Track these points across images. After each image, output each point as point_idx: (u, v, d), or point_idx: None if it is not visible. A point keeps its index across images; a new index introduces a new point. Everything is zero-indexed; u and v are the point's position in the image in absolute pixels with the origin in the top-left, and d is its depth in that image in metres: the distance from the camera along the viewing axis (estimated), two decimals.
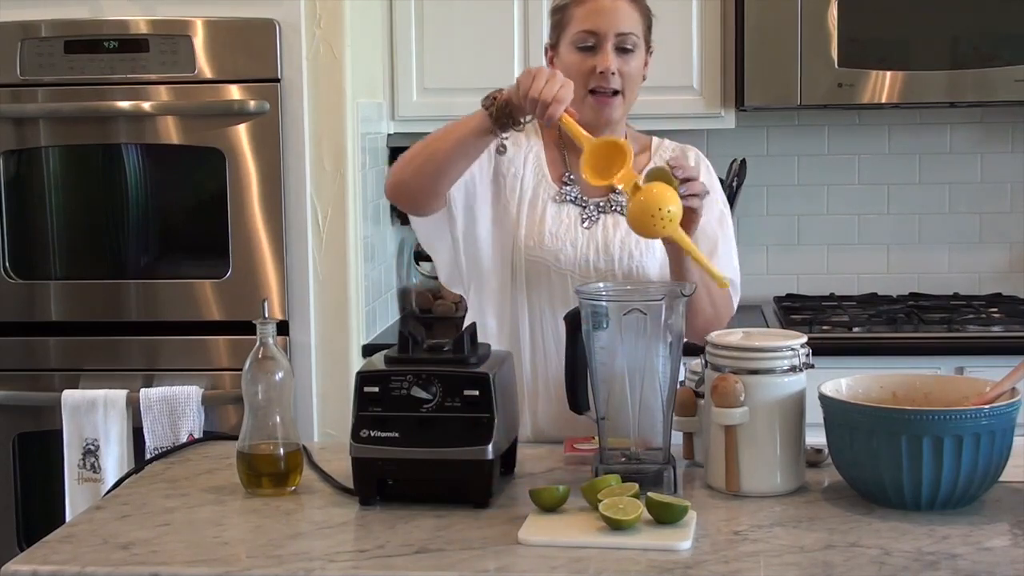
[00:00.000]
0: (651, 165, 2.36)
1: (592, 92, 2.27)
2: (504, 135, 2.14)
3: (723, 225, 2.35)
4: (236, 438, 1.99)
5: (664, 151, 2.40)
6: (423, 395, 1.85)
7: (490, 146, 2.20)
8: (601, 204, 2.33)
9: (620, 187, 1.98)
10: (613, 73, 2.25)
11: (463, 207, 2.32)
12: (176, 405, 3.09)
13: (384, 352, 1.94)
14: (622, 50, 2.26)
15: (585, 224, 2.31)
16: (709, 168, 2.41)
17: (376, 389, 1.87)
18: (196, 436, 3.04)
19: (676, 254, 2.15)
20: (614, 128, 2.33)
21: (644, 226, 1.98)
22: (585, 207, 2.33)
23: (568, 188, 2.34)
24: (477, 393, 1.85)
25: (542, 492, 1.81)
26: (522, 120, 2.12)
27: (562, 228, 2.31)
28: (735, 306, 2.33)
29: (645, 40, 2.30)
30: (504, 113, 2.10)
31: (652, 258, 2.28)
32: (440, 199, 2.28)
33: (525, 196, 2.32)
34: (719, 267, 2.21)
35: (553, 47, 2.34)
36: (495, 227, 2.33)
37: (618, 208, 2.32)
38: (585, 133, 2.06)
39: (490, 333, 2.31)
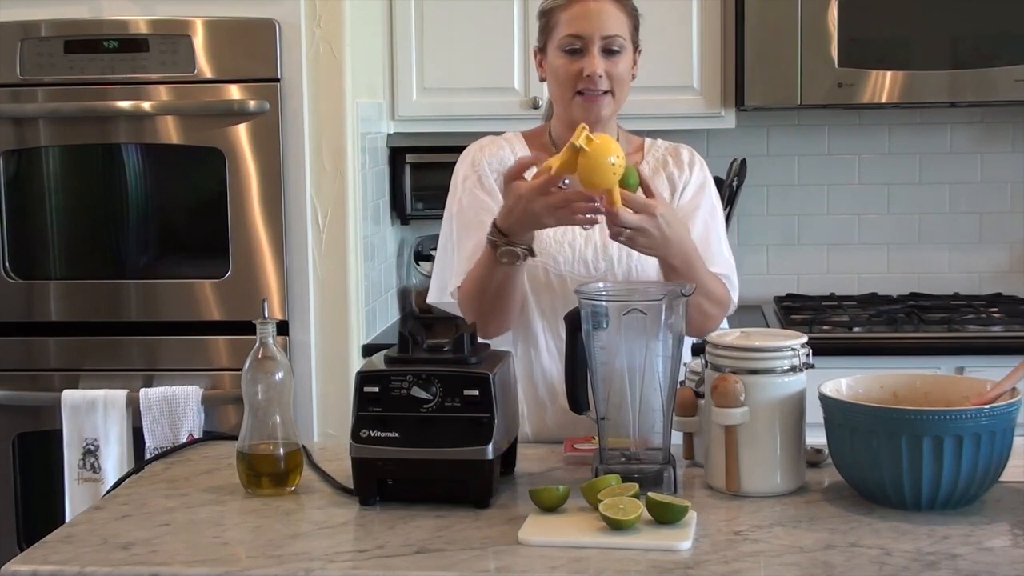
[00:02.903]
0: (643, 164, 2.37)
1: (580, 93, 2.27)
2: (521, 250, 2.11)
3: (714, 219, 2.36)
4: (236, 438, 1.99)
5: (657, 150, 2.41)
6: (423, 395, 1.85)
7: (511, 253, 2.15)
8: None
9: (580, 143, 1.96)
10: (600, 76, 2.25)
11: None
12: (176, 405, 3.09)
13: (384, 352, 1.94)
14: (609, 52, 2.26)
15: (585, 226, 2.31)
16: (703, 164, 2.40)
17: (376, 389, 1.87)
18: (196, 436, 3.04)
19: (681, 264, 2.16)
20: (604, 126, 2.33)
21: (598, 177, 1.97)
22: None
23: None
24: (477, 393, 1.85)
25: (542, 492, 1.81)
26: (521, 244, 2.10)
27: (559, 232, 2.31)
28: (734, 300, 2.33)
29: (632, 40, 2.30)
30: (505, 242, 2.09)
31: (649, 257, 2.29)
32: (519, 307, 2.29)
33: None
34: (709, 260, 2.24)
35: (541, 50, 2.34)
36: None
37: None
38: (551, 162, 2.04)
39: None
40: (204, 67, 3.12)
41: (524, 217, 2.06)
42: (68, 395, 3.12)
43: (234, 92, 3.12)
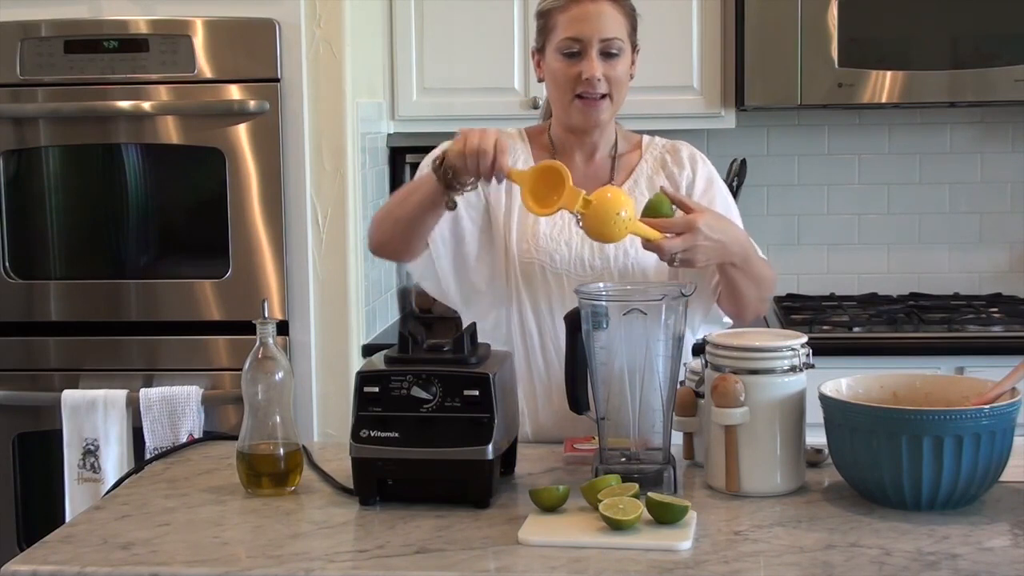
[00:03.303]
0: (642, 162, 2.38)
1: (579, 96, 2.27)
2: (453, 196, 2.15)
3: (730, 210, 2.37)
4: (236, 438, 1.99)
5: (655, 148, 2.41)
6: (423, 395, 1.85)
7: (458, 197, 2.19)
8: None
9: (577, 210, 2.00)
10: (599, 79, 2.25)
11: (451, 245, 2.34)
12: (176, 405, 3.09)
13: (384, 352, 1.94)
14: (607, 55, 2.26)
15: (581, 223, 2.31)
16: (704, 159, 2.41)
17: (376, 389, 1.87)
18: (196, 436, 3.04)
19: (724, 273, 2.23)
20: (603, 129, 2.34)
21: (607, 234, 2.03)
22: None
23: None
24: (477, 393, 1.85)
25: (542, 492, 1.81)
26: (467, 183, 2.13)
27: (555, 229, 2.31)
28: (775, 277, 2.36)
29: (630, 41, 2.30)
30: (449, 177, 2.11)
31: (648, 254, 2.29)
32: (417, 251, 2.33)
33: (515, 204, 2.32)
34: None
35: (539, 51, 2.34)
36: (484, 251, 2.34)
37: None
38: (520, 172, 2.08)
39: (488, 334, 2.31)
40: (204, 67, 3.12)
41: (462, 144, 2.05)
42: (68, 395, 3.12)
43: (234, 92, 3.12)
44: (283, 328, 3.16)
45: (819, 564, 1.61)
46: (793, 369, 1.89)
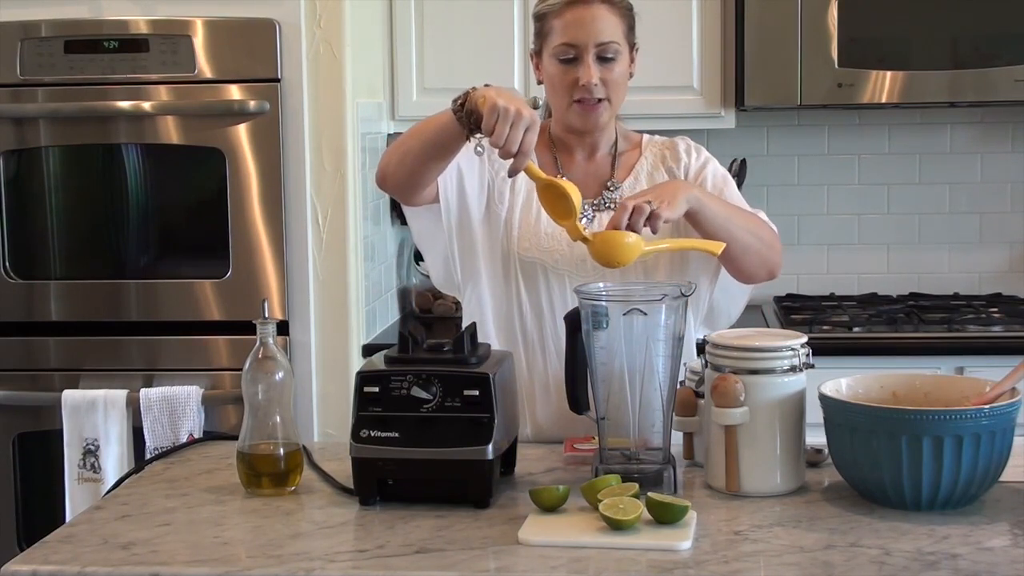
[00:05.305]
0: (642, 159, 2.38)
1: (577, 101, 2.27)
2: (476, 137, 2.08)
3: (727, 183, 2.38)
4: (236, 438, 1.99)
5: (654, 147, 2.41)
6: (423, 395, 1.85)
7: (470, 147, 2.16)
8: (596, 202, 2.34)
9: (582, 236, 2.08)
10: (596, 84, 2.25)
11: (456, 198, 2.32)
12: (176, 405, 3.09)
13: (384, 352, 1.94)
14: (603, 59, 2.25)
15: (582, 222, 2.31)
16: (699, 148, 2.41)
17: (376, 389, 1.87)
18: (196, 436, 3.04)
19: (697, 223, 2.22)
20: (603, 131, 2.34)
21: (618, 258, 2.07)
22: None
23: None
24: (477, 393, 1.85)
25: (542, 492, 1.81)
26: (462, 117, 2.08)
27: (557, 228, 2.31)
28: (776, 230, 2.33)
29: (628, 42, 2.29)
30: (471, 121, 2.05)
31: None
32: (425, 191, 2.28)
33: (518, 200, 2.33)
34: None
35: (537, 54, 2.34)
36: (484, 226, 2.34)
37: (612, 205, 2.32)
38: (538, 172, 2.08)
39: (489, 333, 2.31)
40: (204, 67, 3.12)
41: (492, 122, 1.97)
42: (68, 395, 3.12)
43: (234, 92, 3.12)
44: (283, 328, 3.16)
45: (819, 564, 1.62)
46: (793, 369, 1.89)
